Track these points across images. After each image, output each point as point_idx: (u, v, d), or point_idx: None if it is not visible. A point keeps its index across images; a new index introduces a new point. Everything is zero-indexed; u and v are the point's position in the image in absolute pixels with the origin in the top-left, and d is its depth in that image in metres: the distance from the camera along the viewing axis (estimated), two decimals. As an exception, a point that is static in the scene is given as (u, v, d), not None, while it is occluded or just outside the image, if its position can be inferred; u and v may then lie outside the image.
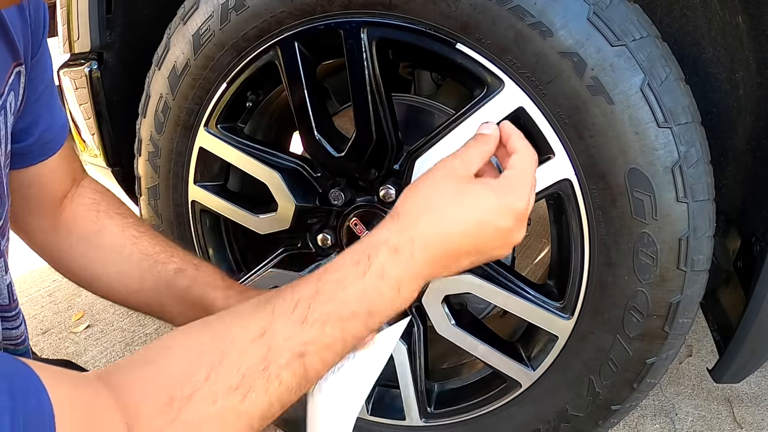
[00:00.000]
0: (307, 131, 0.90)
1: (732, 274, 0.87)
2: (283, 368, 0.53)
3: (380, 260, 0.56)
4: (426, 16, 0.76)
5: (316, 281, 0.57)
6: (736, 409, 1.24)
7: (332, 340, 0.55)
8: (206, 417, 0.51)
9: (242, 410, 0.52)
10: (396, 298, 0.57)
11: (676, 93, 0.71)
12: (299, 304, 0.55)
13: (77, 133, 1.32)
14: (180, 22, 0.93)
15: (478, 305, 1.03)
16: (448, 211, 0.59)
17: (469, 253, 0.60)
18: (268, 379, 0.53)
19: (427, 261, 0.58)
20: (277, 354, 0.53)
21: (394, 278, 0.56)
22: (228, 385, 0.52)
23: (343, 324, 0.55)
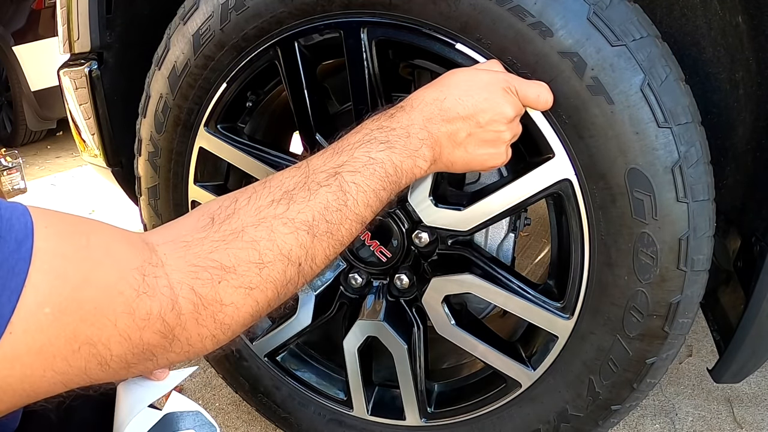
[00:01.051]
0: (307, 131, 0.90)
1: (732, 274, 0.87)
2: (321, 185, 0.58)
3: (390, 111, 0.67)
4: (426, 16, 0.76)
5: (338, 138, 0.66)
6: (736, 409, 1.24)
7: (361, 163, 0.61)
8: (251, 224, 0.54)
9: (287, 217, 0.55)
10: (408, 140, 0.64)
11: (676, 93, 0.71)
12: (331, 145, 0.64)
13: (77, 133, 1.32)
14: (180, 22, 0.93)
15: (478, 305, 1.03)
16: (445, 81, 0.69)
17: (465, 111, 0.67)
18: (308, 191, 0.58)
19: (426, 114, 0.66)
20: (314, 174, 0.59)
21: (402, 122, 0.65)
22: (271, 199, 0.56)
23: (368, 149, 0.62)
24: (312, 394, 1.10)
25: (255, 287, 0.53)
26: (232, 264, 0.51)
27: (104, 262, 0.45)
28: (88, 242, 0.45)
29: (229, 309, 0.51)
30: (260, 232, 0.54)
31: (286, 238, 0.55)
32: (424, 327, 0.98)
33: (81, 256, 0.44)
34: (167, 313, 0.47)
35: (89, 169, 1.45)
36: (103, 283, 0.44)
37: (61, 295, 0.42)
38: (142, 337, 0.46)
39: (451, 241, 0.90)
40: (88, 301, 0.43)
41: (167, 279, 0.48)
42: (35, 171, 4.33)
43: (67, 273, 0.43)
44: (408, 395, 1.00)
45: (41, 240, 0.42)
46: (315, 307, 1.00)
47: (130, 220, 2.80)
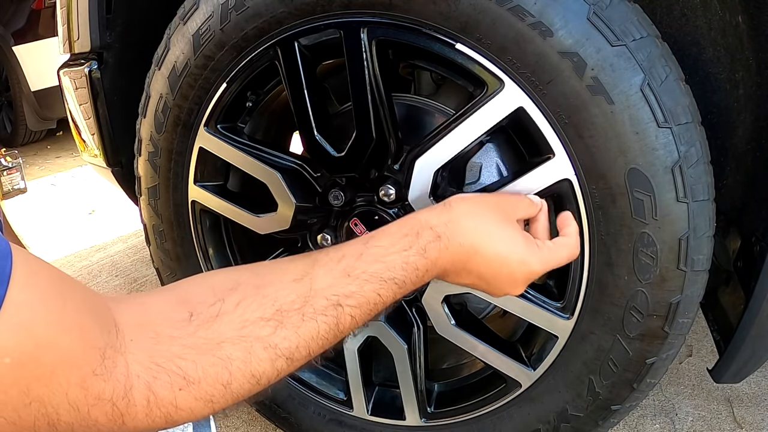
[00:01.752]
0: (307, 131, 0.90)
1: (732, 274, 0.87)
2: (318, 313, 0.54)
3: (425, 240, 0.62)
4: (426, 16, 0.76)
5: (362, 244, 0.60)
6: (736, 409, 1.24)
7: (367, 299, 0.57)
8: (230, 339, 0.51)
9: (270, 343, 0.52)
10: (421, 278, 0.61)
11: (676, 93, 0.71)
12: (344, 260, 0.58)
13: (77, 134, 1.32)
14: (180, 22, 0.93)
15: (478, 305, 1.03)
16: (487, 231, 0.65)
17: (478, 275, 0.65)
18: (302, 318, 0.53)
19: (449, 258, 0.63)
20: (315, 298, 0.55)
21: (430, 259, 0.61)
22: (260, 315, 0.52)
23: (381, 286, 0.58)
24: (312, 394, 1.10)
25: (216, 401, 0.51)
26: (197, 377, 0.49)
27: (73, 332, 0.45)
28: (64, 307, 0.45)
29: (183, 413, 0.50)
30: (237, 351, 0.51)
31: (262, 364, 0.52)
32: (424, 327, 0.98)
33: (54, 319, 0.44)
34: (118, 399, 0.47)
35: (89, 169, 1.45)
36: (66, 352, 0.44)
37: (24, 350, 0.42)
38: (90, 413, 0.46)
39: (451, 241, 0.90)
40: (47, 364, 0.43)
41: (126, 368, 0.47)
42: (35, 171, 4.33)
43: (35, 331, 0.42)
44: (408, 395, 1.00)
45: (20, 291, 0.42)
46: (315, 307, 1.00)
47: (130, 220, 2.80)
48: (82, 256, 2.48)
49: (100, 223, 2.92)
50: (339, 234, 0.96)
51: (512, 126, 0.80)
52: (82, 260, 2.43)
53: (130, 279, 2.16)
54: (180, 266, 1.11)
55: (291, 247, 1.03)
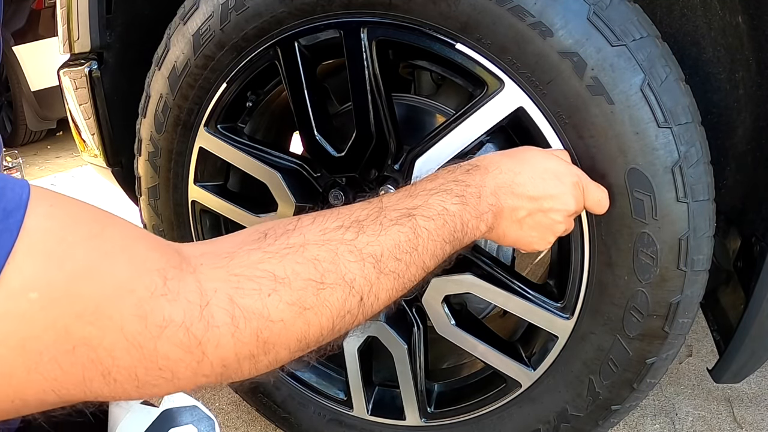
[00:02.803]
0: (307, 131, 0.90)
1: (732, 274, 0.87)
2: (394, 222, 0.54)
3: (465, 167, 0.65)
4: (426, 16, 0.76)
5: (410, 183, 0.63)
6: (736, 409, 1.24)
7: (436, 211, 0.57)
8: (314, 242, 0.48)
9: (355, 245, 0.50)
10: (476, 200, 0.62)
11: (676, 93, 0.71)
12: (402, 189, 0.61)
13: (77, 134, 1.32)
14: (180, 22, 0.93)
15: (478, 305, 1.03)
16: (516, 151, 0.69)
17: (527, 191, 0.66)
18: (381, 226, 0.53)
19: (494, 182, 0.64)
20: (387, 210, 0.55)
21: (476, 181, 0.63)
22: (339, 224, 0.51)
23: (443, 198, 0.59)
24: (312, 394, 1.10)
25: (309, 308, 0.45)
26: (286, 276, 0.44)
27: (117, 255, 0.39)
28: (102, 232, 0.39)
29: (276, 326, 0.43)
30: (323, 252, 0.47)
31: (351, 266, 0.49)
32: (424, 327, 0.98)
33: (88, 244, 0.38)
34: (194, 322, 0.39)
35: (89, 169, 1.45)
36: (110, 278, 0.38)
37: (53, 281, 0.35)
38: (157, 347, 0.38)
39: (451, 241, 0.90)
40: (88, 295, 0.37)
41: (198, 285, 0.41)
42: (35, 171, 4.33)
43: (64, 259, 0.36)
44: (408, 395, 1.00)
45: (41, 218, 0.36)
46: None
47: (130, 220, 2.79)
48: (82, 256, 2.48)
49: (100, 223, 2.91)
50: (339, 234, 0.96)
51: (512, 126, 0.80)
52: (82, 260, 2.43)
53: (130, 279, 2.16)
54: (180, 266, 1.11)
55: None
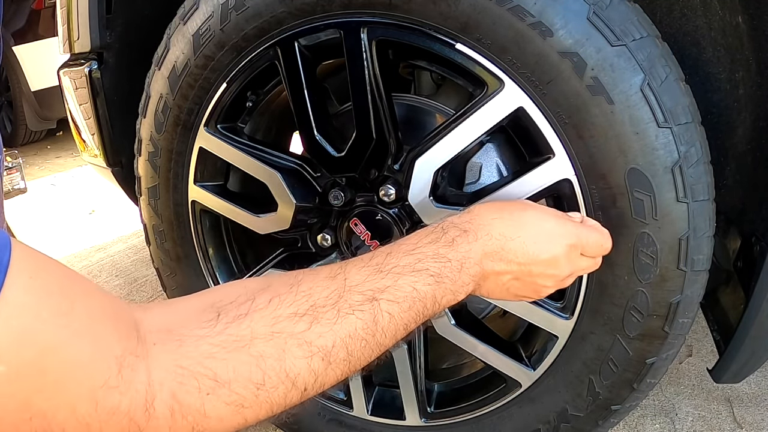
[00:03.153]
0: (307, 131, 0.90)
1: (732, 274, 0.87)
2: (354, 309, 0.52)
3: (452, 234, 0.60)
4: (426, 16, 0.76)
5: (390, 246, 0.59)
6: (736, 409, 1.24)
7: (403, 293, 0.54)
8: (262, 336, 0.47)
9: (305, 339, 0.49)
10: (457, 273, 0.58)
11: (676, 93, 0.71)
12: (374, 258, 0.56)
13: (77, 133, 1.32)
14: (180, 22, 0.93)
15: (478, 305, 1.03)
16: (513, 217, 0.64)
17: (517, 262, 0.62)
18: (337, 314, 0.51)
19: (481, 250, 0.61)
20: (349, 293, 0.52)
21: (461, 252, 0.59)
22: (293, 311, 0.49)
23: (415, 279, 0.55)
24: (312, 394, 1.10)
25: (248, 406, 0.47)
26: (228, 378, 0.45)
27: (82, 336, 0.40)
28: (72, 309, 0.41)
29: (212, 421, 0.45)
30: (270, 348, 0.47)
31: (297, 362, 0.48)
32: (424, 327, 0.98)
33: (58, 322, 0.39)
34: (137, 413, 0.42)
35: (89, 169, 1.45)
36: (73, 359, 0.39)
37: (22, 357, 0.37)
38: (102, 429, 0.41)
39: (451, 241, 0.90)
40: (51, 372, 0.38)
41: (147, 375, 0.42)
42: (35, 171, 4.33)
43: (36, 334, 0.38)
44: (408, 395, 1.00)
45: (20, 291, 0.37)
46: (315, 307, 1.00)
47: (130, 220, 2.80)
48: (82, 256, 2.48)
49: (100, 223, 2.92)
50: (339, 234, 0.96)
51: (512, 126, 0.80)
52: (82, 260, 2.43)
53: (130, 279, 2.16)
54: (180, 266, 1.11)
55: (291, 247, 1.03)
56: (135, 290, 2.06)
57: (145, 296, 2.00)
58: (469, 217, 0.64)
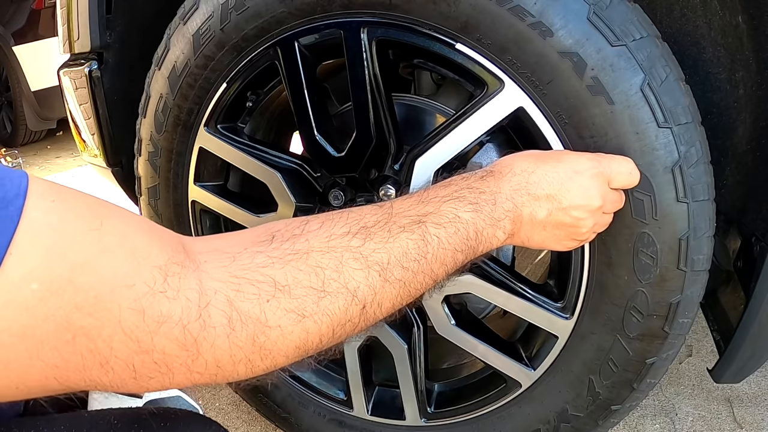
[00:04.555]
0: (307, 131, 0.90)
1: (732, 274, 0.87)
2: (403, 229, 0.53)
3: (480, 173, 0.63)
4: (426, 16, 0.76)
5: (422, 189, 0.61)
6: (736, 409, 1.24)
7: (447, 218, 0.57)
8: (318, 249, 0.48)
9: (361, 253, 0.50)
10: (492, 206, 0.60)
11: (676, 93, 0.71)
12: (414, 194, 0.59)
13: (77, 133, 1.32)
14: (180, 22, 0.93)
15: (478, 305, 1.03)
16: (532, 153, 0.66)
17: (547, 190, 0.63)
18: (389, 232, 0.52)
19: (509, 185, 0.63)
20: (397, 217, 0.54)
21: (491, 187, 0.62)
22: (346, 230, 0.51)
23: (456, 206, 0.58)
24: (312, 394, 1.10)
25: (309, 315, 0.46)
26: (287, 283, 0.45)
27: (115, 250, 0.39)
28: (101, 225, 0.40)
29: (273, 332, 0.44)
30: (327, 260, 0.47)
31: (355, 273, 0.49)
32: (424, 327, 0.98)
33: (87, 238, 0.39)
34: (190, 320, 0.40)
35: (89, 169, 1.45)
36: (109, 271, 0.38)
37: (54, 272, 0.37)
38: (154, 342, 0.39)
39: (451, 241, 0.90)
40: (88, 287, 0.37)
41: (198, 283, 0.41)
42: (35, 171, 4.33)
43: (65, 251, 0.37)
44: (408, 395, 1.00)
45: (42, 213, 0.37)
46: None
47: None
48: (82, 256, 2.48)
49: (100, 223, 2.91)
50: (339, 234, 0.96)
51: (512, 126, 0.80)
52: (82, 260, 2.43)
53: (130, 279, 2.16)
54: (180, 266, 1.11)
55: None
56: (135, 290, 2.06)
57: (145, 296, 1.99)
58: (492, 164, 0.67)
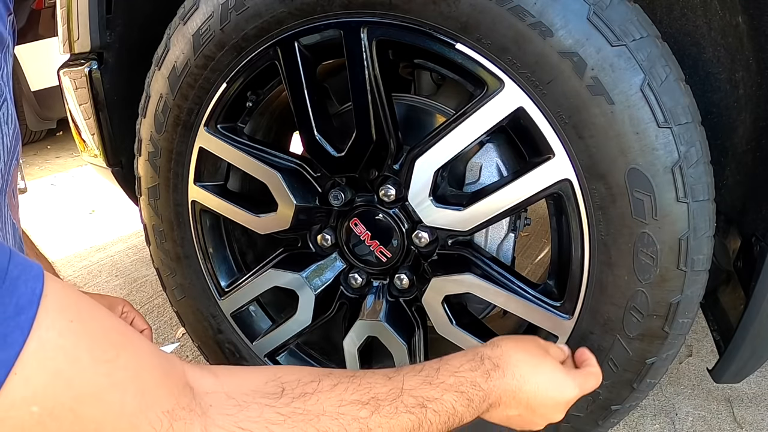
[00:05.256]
0: (307, 131, 0.90)
1: (732, 274, 0.87)
2: (408, 409, 0.56)
3: (488, 366, 0.66)
4: (426, 16, 0.76)
5: (437, 362, 0.65)
6: (736, 409, 1.24)
7: (445, 408, 0.60)
8: (329, 414, 0.49)
9: (367, 425, 0.52)
10: (480, 402, 0.64)
11: (676, 93, 0.71)
12: (424, 370, 0.62)
13: (77, 133, 1.32)
14: (180, 22, 0.93)
15: (478, 305, 1.03)
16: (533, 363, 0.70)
17: (526, 404, 0.68)
18: (396, 410, 0.55)
19: (504, 388, 0.66)
20: (405, 395, 0.57)
21: (490, 385, 0.65)
22: (357, 399, 0.52)
23: (456, 398, 0.61)
24: (312, 394, 1.10)
25: None
26: None
27: (126, 386, 0.38)
28: (116, 358, 0.39)
29: None
30: (335, 427, 0.49)
31: None
32: (424, 327, 0.98)
33: (99, 369, 0.37)
34: None
35: (89, 169, 1.45)
36: (116, 408, 0.38)
37: (57, 399, 0.35)
38: None
39: (451, 241, 0.90)
40: (89, 419, 0.37)
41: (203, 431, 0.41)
42: (35, 171, 4.33)
43: (73, 379, 0.36)
44: (408, 395, 0.99)
45: (56, 334, 0.36)
46: (315, 307, 1.00)
47: (130, 220, 2.80)
48: (82, 256, 2.48)
49: (100, 223, 2.92)
50: (339, 234, 0.96)
51: (512, 126, 0.80)
52: (82, 260, 2.43)
53: (130, 279, 2.16)
54: (180, 266, 1.11)
55: (291, 247, 1.03)
56: (135, 290, 2.06)
57: (145, 296, 2.00)
58: (499, 352, 0.70)
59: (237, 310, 1.09)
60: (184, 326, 1.18)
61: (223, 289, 1.10)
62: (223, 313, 1.10)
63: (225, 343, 1.13)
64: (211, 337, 1.14)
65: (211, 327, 1.13)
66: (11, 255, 0.36)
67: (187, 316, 1.15)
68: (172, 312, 1.19)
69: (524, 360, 0.70)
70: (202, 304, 1.12)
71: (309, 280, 0.99)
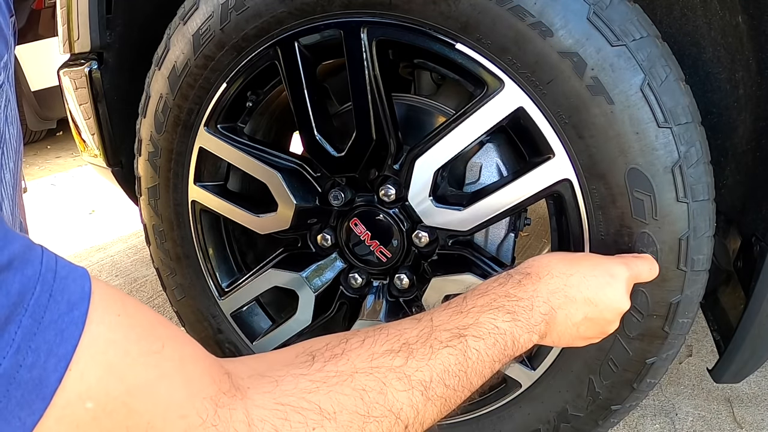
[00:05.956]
0: (307, 131, 0.90)
1: (732, 274, 0.87)
2: (444, 345, 0.53)
3: (517, 278, 0.63)
4: (426, 16, 0.76)
5: (462, 295, 0.61)
6: (736, 409, 1.24)
7: (486, 329, 0.56)
8: (362, 370, 0.48)
9: (404, 373, 0.50)
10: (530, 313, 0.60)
11: (676, 93, 0.71)
12: (451, 304, 0.59)
13: (77, 133, 1.32)
14: (180, 22, 0.93)
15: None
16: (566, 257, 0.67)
17: (583, 297, 0.64)
18: (431, 349, 0.52)
19: (546, 289, 0.63)
20: (437, 331, 0.54)
21: (529, 292, 0.62)
22: (388, 348, 0.51)
23: (494, 315, 0.58)
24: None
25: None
26: (333, 410, 0.45)
27: (174, 376, 0.39)
28: (162, 349, 0.40)
29: None
30: (371, 382, 0.48)
31: (399, 395, 0.49)
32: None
33: (148, 360, 0.38)
34: None
35: (89, 169, 1.45)
36: (165, 398, 0.38)
37: (110, 393, 0.36)
38: None
39: (451, 241, 0.90)
40: (142, 412, 0.37)
41: (246, 414, 0.42)
42: (35, 171, 4.33)
43: (124, 372, 0.37)
44: (408, 395, 0.99)
45: (106, 328, 0.37)
46: (315, 307, 1.00)
47: (130, 220, 2.80)
48: (82, 256, 2.48)
49: (100, 223, 2.92)
50: (339, 234, 0.96)
51: (512, 126, 0.80)
52: (82, 260, 2.43)
53: (130, 279, 2.16)
54: (180, 266, 1.11)
55: (291, 247, 1.03)
56: (135, 290, 2.06)
57: (145, 296, 2.00)
58: (528, 263, 0.67)
59: (237, 310, 1.09)
60: (184, 326, 1.18)
61: (223, 289, 1.10)
62: (223, 313, 1.10)
63: (225, 343, 1.13)
64: (211, 337, 1.14)
65: (211, 327, 1.13)
66: (57, 258, 0.38)
67: (187, 316, 1.15)
68: (172, 312, 1.19)
69: (557, 258, 0.67)
70: (202, 304, 1.12)
71: (309, 280, 0.99)
